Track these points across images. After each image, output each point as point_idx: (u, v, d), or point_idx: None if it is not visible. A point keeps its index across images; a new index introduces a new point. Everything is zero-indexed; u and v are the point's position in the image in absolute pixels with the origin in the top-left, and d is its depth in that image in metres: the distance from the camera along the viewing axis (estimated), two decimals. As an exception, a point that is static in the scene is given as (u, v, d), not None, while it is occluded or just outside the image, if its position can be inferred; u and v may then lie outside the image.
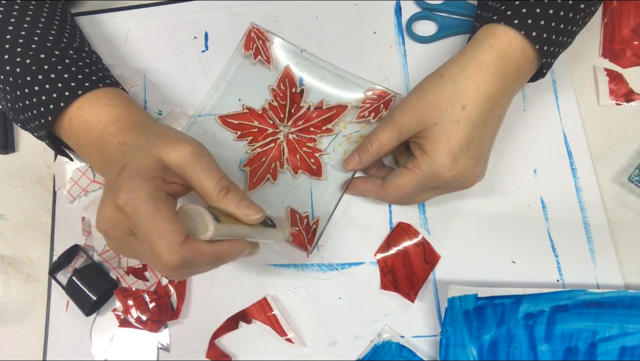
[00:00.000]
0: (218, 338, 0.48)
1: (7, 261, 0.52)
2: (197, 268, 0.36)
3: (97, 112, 0.43)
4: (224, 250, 0.36)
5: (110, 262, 0.50)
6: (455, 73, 0.42)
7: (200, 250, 0.34)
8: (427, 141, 0.42)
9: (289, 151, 0.52)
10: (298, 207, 0.50)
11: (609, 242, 0.47)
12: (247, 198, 0.38)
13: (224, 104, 0.54)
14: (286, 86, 0.54)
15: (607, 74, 0.52)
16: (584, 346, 0.44)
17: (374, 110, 0.52)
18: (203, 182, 0.37)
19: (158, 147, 0.37)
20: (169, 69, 0.56)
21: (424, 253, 0.48)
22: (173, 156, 0.37)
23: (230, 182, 0.38)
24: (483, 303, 0.45)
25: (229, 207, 0.37)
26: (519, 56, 0.42)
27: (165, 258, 0.33)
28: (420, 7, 0.55)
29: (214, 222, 0.34)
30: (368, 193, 0.48)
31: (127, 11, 0.59)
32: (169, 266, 0.33)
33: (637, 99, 0.51)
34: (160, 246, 0.33)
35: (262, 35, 0.54)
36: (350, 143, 0.52)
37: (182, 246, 0.33)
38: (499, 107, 0.43)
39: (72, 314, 0.50)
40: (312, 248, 0.49)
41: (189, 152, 0.37)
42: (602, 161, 0.50)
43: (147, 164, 0.36)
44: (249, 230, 0.38)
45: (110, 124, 0.42)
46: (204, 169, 0.37)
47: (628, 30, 0.53)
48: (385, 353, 0.46)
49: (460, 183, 0.44)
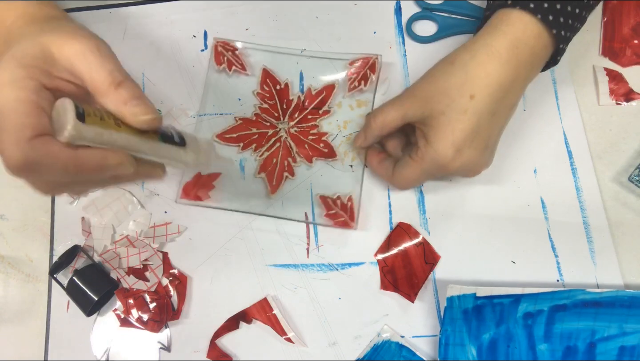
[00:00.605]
0: (219, 338, 0.48)
1: (7, 261, 0.52)
2: (53, 175, 0.31)
3: (6, 7, 0.39)
4: (88, 159, 0.30)
5: (110, 262, 0.50)
6: (466, 60, 0.41)
7: (52, 152, 0.29)
8: (431, 130, 0.42)
9: (296, 145, 0.52)
10: (326, 192, 0.50)
11: (609, 242, 0.47)
12: (143, 97, 0.33)
13: (218, 121, 0.54)
14: (269, 85, 0.54)
15: (606, 73, 0.52)
16: (583, 346, 0.44)
17: (362, 78, 0.52)
18: (93, 74, 0.32)
19: (49, 36, 0.33)
20: (167, 68, 0.56)
21: (424, 253, 0.49)
22: (65, 49, 0.32)
23: (126, 77, 0.33)
24: (482, 303, 0.45)
25: (117, 104, 0.31)
26: (533, 43, 0.41)
27: (7, 154, 0.29)
28: (420, 7, 0.55)
29: (75, 120, 0.28)
30: (380, 176, 0.49)
31: (125, 8, 0.58)
32: (10, 164, 0.29)
33: (637, 99, 0.51)
34: (3, 137, 0.29)
35: (229, 46, 0.54)
36: (350, 143, 0.52)
37: (28, 142, 0.28)
38: (511, 96, 0.42)
39: (72, 314, 0.50)
40: (356, 223, 0.49)
41: (84, 45, 0.33)
42: (602, 161, 0.50)
43: (28, 50, 0.32)
44: (135, 140, 0.31)
45: (19, 19, 0.38)
46: (95, 60, 0.32)
47: (628, 29, 0.53)
48: (385, 352, 0.46)
49: (465, 172, 0.44)
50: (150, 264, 0.50)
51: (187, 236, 0.51)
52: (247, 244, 0.50)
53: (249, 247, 0.50)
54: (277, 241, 0.50)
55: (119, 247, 0.50)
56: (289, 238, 0.50)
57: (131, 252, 0.50)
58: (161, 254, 0.50)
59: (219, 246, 0.50)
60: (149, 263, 0.50)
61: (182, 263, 0.50)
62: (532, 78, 0.44)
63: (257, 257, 0.50)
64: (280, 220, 0.50)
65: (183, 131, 0.36)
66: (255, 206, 0.50)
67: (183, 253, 0.50)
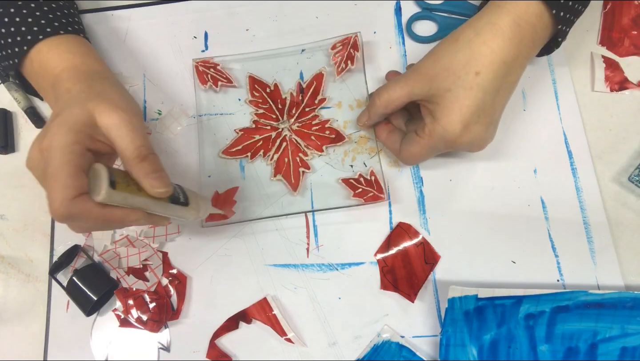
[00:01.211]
0: (218, 338, 0.48)
1: (7, 261, 0.52)
2: (87, 224, 0.38)
3: (55, 58, 0.45)
4: (114, 216, 0.37)
5: (110, 262, 0.50)
6: (470, 38, 0.42)
7: (88, 210, 0.36)
8: (438, 107, 0.43)
9: (302, 139, 0.52)
10: (346, 174, 0.51)
11: (609, 242, 0.47)
12: (162, 171, 0.39)
13: (218, 121, 0.54)
14: (259, 91, 0.54)
15: (603, 60, 0.52)
16: (584, 347, 0.44)
17: (347, 58, 0.53)
18: (124, 146, 0.38)
19: (94, 103, 0.38)
20: (168, 69, 0.56)
21: (424, 253, 0.48)
22: (105, 118, 0.38)
23: (151, 151, 0.39)
24: (483, 304, 0.45)
25: (139, 174, 0.38)
26: (535, 22, 0.42)
27: (53, 207, 0.35)
28: (420, 7, 0.55)
29: (108, 188, 0.36)
30: (388, 149, 0.50)
31: (126, 10, 0.59)
32: (56, 215, 0.35)
33: (631, 88, 0.51)
34: (53, 195, 0.35)
35: (209, 63, 0.55)
36: (350, 144, 0.52)
37: (71, 201, 0.35)
38: (513, 73, 0.43)
39: (72, 314, 0.50)
40: (387, 194, 0.50)
41: (120, 117, 0.38)
42: (602, 161, 0.50)
43: (78, 116, 0.37)
44: (149, 203, 0.39)
45: (65, 71, 0.44)
46: (128, 134, 0.38)
47: (628, 20, 0.53)
48: (385, 353, 0.46)
49: (470, 147, 0.45)
50: (150, 264, 0.50)
51: (187, 236, 0.51)
52: (247, 244, 0.50)
53: (249, 247, 0.50)
54: (277, 241, 0.50)
55: (118, 247, 0.50)
56: (289, 238, 0.50)
57: (131, 252, 0.50)
58: (161, 254, 0.50)
59: (219, 246, 0.50)
60: (148, 262, 0.50)
61: (181, 262, 0.50)
62: (532, 57, 0.45)
63: (257, 257, 0.50)
64: (280, 218, 0.50)
65: (188, 189, 0.43)
66: (283, 207, 0.51)
67: (183, 253, 0.50)
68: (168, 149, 0.54)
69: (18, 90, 0.55)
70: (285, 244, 0.50)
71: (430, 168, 0.51)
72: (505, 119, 0.50)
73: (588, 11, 0.46)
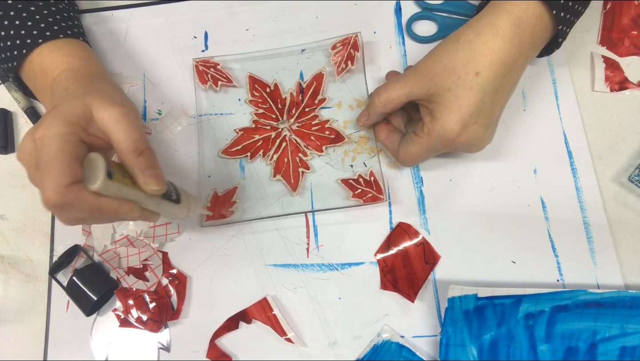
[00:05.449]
0: (218, 338, 0.48)
1: (7, 261, 0.52)
2: (79, 214, 0.37)
3: (55, 61, 0.46)
4: (108, 206, 0.37)
5: (110, 262, 0.50)
6: (471, 38, 0.42)
7: (82, 198, 0.35)
8: (437, 107, 0.43)
9: (302, 139, 0.52)
10: (346, 174, 0.51)
11: (609, 242, 0.47)
12: (157, 168, 0.39)
13: (218, 121, 0.54)
14: (259, 91, 0.54)
15: (604, 60, 0.52)
16: (584, 346, 0.44)
17: (347, 58, 0.53)
18: (121, 139, 0.38)
19: (91, 99, 0.38)
20: (168, 69, 0.56)
21: (424, 253, 0.48)
22: (102, 113, 0.38)
23: (147, 146, 0.39)
24: (483, 303, 0.45)
25: (135, 169, 0.38)
26: (535, 22, 0.42)
27: (47, 195, 0.35)
28: (420, 7, 0.55)
29: (104, 177, 0.36)
30: (387, 150, 0.50)
31: (126, 10, 0.59)
32: (49, 203, 0.35)
33: (631, 88, 0.51)
34: (47, 183, 0.35)
35: (209, 63, 0.55)
36: (350, 144, 0.52)
37: (66, 188, 0.34)
38: (513, 74, 0.43)
39: (72, 314, 0.50)
40: (386, 195, 0.50)
41: (118, 113, 0.38)
42: (602, 161, 0.50)
43: (74, 109, 0.37)
44: (142, 197, 0.39)
45: (63, 72, 0.44)
46: (125, 128, 0.38)
47: (628, 20, 0.53)
48: (385, 353, 0.46)
49: (468, 147, 0.45)
50: (150, 264, 0.50)
51: (187, 236, 0.51)
52: (247, 244, 0.50)
53: (249, 247, 0.50)
54: (277, 241, 0.50)
55: (118, 247, 0.50)
56: (288, 237, 0.50)
57: (131, 252, 0.50)
58: (161, 254, 0.50)
59: (219, 246, 0.50)
60: (148, 262, 0.50)
61: (181, 263, 0.50)
62: (532, 57, 0.45)
63: (257, 257, 0.50)
64: (280, 217, 0.51)
65: (180, 188, 0.43)
66: (283, 207, 0.51)
67: (183, 253, 0.50)
68: (168, 149, 0.54)
69: (18, 90, 0.55)
70: (285, 244, 0.50)
71: (430, 168, 0.51)
72: (505, 119, 0.50)
73: (588, 11, 0.46)
